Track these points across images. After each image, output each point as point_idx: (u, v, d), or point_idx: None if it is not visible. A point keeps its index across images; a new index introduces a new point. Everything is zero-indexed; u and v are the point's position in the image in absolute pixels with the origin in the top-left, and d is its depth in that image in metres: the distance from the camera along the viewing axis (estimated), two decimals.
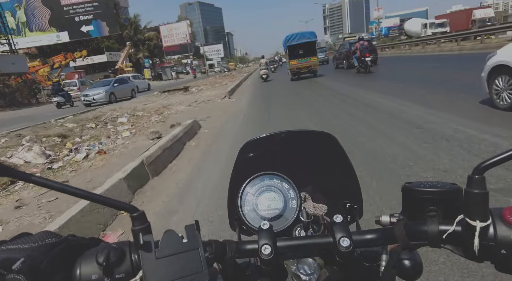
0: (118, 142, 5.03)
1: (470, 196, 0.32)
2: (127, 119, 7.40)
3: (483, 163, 0.31)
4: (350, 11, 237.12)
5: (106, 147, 4.68)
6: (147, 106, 10.05)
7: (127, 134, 5.56)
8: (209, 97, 10.85)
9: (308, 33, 13.76)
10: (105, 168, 3.57)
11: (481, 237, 0.32)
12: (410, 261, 0.41)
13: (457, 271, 1.43)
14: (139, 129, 5.96)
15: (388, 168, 2.76)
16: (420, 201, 0.37)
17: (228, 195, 0.56)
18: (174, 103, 10.03)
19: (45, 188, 0.29)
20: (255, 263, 0.47)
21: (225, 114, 7.18)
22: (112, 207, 0.33)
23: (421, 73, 9.85)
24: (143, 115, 7.92)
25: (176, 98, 11.84)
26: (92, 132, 6.24)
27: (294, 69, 13.64)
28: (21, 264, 0.27)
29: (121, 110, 9.61)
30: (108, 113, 9.28)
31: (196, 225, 0.36)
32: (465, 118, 3.92)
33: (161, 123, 6.43)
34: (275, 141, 0.58)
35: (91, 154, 4.29)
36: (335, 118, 5.10)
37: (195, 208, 2.50)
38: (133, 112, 8.52)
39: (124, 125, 6.69)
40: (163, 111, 8.27)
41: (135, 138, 5.09)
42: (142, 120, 7.23)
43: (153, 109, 8.78)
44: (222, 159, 3.71)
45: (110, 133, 5.96)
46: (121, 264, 0.32)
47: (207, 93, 12.30)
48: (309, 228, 0.46)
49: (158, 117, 7.28)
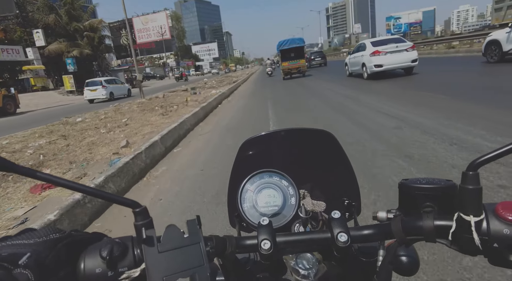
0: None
1: (464, 192, 0.34)
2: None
3: (477, 159, 0.33)
4: (355, 10, 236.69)
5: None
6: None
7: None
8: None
9: (298, 39, 16.90)
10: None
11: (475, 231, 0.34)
12: (406, 257, 0.44)
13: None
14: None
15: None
16: (416, 197, 0.39)
17: (228, 192, 0.59)
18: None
19: (47, 183, 0.31)
20: (254, 259, 0.49)
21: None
22: (114, 203, 0.34)
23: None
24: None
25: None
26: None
27: (285, 70, 16.43)
28: (27, 259, 0.29)
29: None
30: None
31: (197, 220, 0.37)
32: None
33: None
34: (274, 139, 0.60)
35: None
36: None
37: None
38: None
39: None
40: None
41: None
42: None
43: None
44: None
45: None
46: (124, 258, 0.34)
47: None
48: (307, 224, 0.48)
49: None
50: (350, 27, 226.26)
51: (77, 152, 4.64)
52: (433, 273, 1.49)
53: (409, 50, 9.46)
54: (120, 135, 5.51)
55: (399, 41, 9.94)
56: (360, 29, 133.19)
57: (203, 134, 5.72)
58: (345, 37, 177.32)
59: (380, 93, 7.23)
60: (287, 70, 16.34)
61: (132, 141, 4.87)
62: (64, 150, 4.84)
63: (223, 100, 11.14)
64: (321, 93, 8.95)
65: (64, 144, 5.30)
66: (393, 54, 9.50)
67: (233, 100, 11.28)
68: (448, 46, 18.89)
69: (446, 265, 1.53)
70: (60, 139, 5.80)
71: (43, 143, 5.49)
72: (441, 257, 1.57)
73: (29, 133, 6.87)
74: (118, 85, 21.02)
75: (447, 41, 20.14)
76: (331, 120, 5.22)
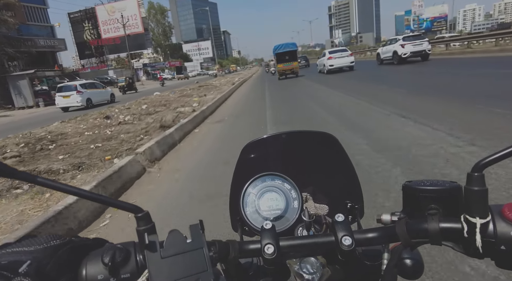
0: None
1: (470, 193, 0.34)
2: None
3: (482, 160, 0.33)
4: (359, 9, 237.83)
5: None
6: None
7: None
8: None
9: (291, 44, 20.09)
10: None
11: (481, 233, 0.34)
12: (411, 260, 0.44)
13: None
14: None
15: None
16: (420, 199, 0.40)
17: (230, 196, 0.59)
18: None
19: (48, 189, 0.31)
20: (257, 263, 0.49)
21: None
22: (116, 208, 0.34)
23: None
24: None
25: None
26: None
27: (281, 71, 19.49)
28: (28, 267, 0.29)
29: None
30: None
31: (200, 225, 0.38)
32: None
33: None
34: (276, 141, 0.61)
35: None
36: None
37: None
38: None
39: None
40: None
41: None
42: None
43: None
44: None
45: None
46: (127, 264, 0.34)
47: None
48: (311, 227, 0.49)
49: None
50: (353, 26, 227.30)
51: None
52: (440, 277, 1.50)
53: (349, 56, 17.23)
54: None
55: (343, 51, 17.89)
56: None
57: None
58: (352, 36, 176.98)
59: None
60: (282, 71, 19.40)
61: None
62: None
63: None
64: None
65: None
66: (339, 58, 17.15)
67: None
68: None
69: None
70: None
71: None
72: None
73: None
74: (98, 89, 18.43)
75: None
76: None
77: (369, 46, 59.82)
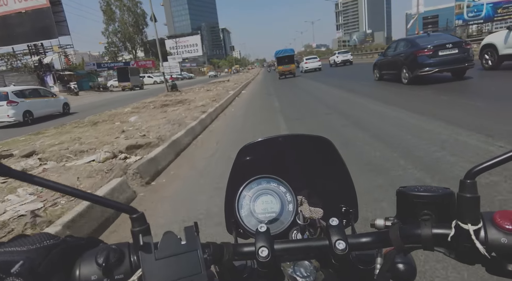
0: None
1: (462, 200, 0.36)
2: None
3: (474, 168, 0.35)
4: (368, 6, 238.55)
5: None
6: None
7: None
8: None
9: (289, 50, 25.51)
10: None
11: (473, 240, 0.36)
12: (404, 265, 0.47)
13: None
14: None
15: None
16: (414, 205, 0.42)
17: (225, 198, 0.62)
18: None
19: (45, 188, 0.33)
20: (252, 266, 0.52)
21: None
22: (112, 208, 0.36)
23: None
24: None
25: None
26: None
27: (280, 72, 24.32)
28: (20, 267, 0.30)
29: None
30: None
31: (195, 227, 0.39)
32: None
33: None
34: (272, 144, 0.64)
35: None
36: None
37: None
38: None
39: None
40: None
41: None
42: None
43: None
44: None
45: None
46: (121, 265, 0.36)
47: None
48: (305, 231, 0.51)
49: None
50: (362, 25, 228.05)
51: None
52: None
53: (318, 61, 27.81)
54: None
55: (314, 58, 28.86)
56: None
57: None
58: (367, 33, 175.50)
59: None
60: (281, 72, 24.25)
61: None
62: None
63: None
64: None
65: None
66: (312, 63, 27.58)
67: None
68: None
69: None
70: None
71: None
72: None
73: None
74: (43, 98, 14.20)
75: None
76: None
77: (382, 47, 59.12)
